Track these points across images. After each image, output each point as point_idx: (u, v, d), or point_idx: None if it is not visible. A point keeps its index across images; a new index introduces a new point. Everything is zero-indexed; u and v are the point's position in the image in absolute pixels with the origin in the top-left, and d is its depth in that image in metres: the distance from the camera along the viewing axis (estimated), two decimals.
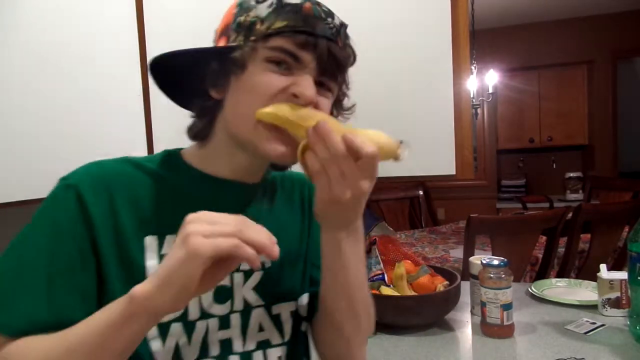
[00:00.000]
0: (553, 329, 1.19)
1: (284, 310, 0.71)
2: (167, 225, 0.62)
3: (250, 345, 0.67)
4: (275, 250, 0.50)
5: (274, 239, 0.51)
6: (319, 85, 0.61)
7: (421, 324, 1.23)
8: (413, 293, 1.25)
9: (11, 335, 0.55)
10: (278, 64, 0.59)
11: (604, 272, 1.26)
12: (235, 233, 0.48)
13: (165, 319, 0.60)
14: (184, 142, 0.82)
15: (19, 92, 1.06)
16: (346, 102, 0.70)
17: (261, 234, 0.50)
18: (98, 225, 0.59)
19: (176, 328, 0.62)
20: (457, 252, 2.43)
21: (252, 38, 0.59)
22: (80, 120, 1.22)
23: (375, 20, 1.24)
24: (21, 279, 0.56)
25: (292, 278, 0.73)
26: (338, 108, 0.69)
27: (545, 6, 4.10)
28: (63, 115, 1.17)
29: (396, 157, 0.58)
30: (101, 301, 0.58)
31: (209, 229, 0.48)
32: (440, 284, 1.27)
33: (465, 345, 1.15)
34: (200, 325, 0.63)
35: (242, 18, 0.61)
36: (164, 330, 0.61)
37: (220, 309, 0.65)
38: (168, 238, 0.62)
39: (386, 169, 1.26)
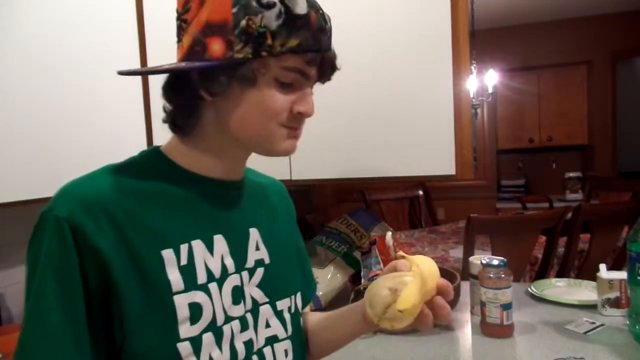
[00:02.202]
0: (553, 328, 1.19)
1: (285, 305, 0.72)
2: (177, 235, 0.60)
3: (261, 342, 0.68)
4: None
5: None
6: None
7: None
8: None
9: None
10: (285, 83, 0.60)
11: (603, 272, 1.26)
12: None
13: (196, 331, 0.58)
14: None
15: (18, 92, 1.06)
16: None
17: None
18: (107, 254, 0.54)
19: (208, 338, 0.59)
20: (457, 252, 2.43)
21: (264, 53, 0.56)
22: (80, 120, 1.22)
23: (375, 20, 1.24)
24: (48, 342, 0.52)
25: (289, 274, 0.75)
26: None
27: (545, 6, 4.10)
28: (63, 116, 1.17)
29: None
30: (120, 327, 0.55)
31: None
32: None
33: (465, 345, 1.15)
34: (227, 330, 0.62)
35: (244, 22, 0.56)
36: (197, 344, 0.58)
37: (237, 310, 0.64)
38: (182, 248, 0.59)
39: (386, 169, 1.27)
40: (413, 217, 3.61)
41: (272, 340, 0.69)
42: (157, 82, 1.52)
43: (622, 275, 1.21)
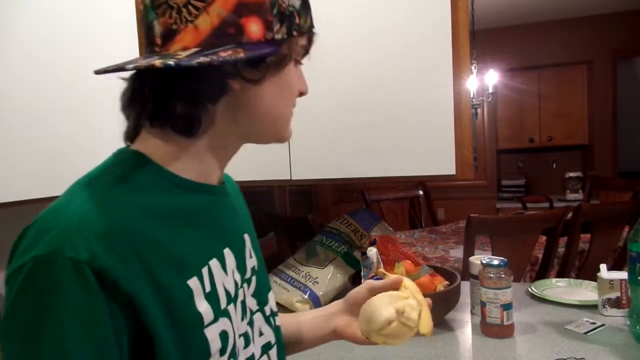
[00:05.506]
0: (553, 329, 1.19)
1: (270, 309, 0.69)
2: (197, 258, 0.53)
3: (258, 353, 0.64)
4: None
5: None
6: None
7: None
8: None
9: None
10: (299, 62, 0.59)
11: (604, 272, 1.26)
12: None
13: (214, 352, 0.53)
14: None
15: (18, 92, 1.06)
16: None
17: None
18: (141, 298, 0.46)
19: None
20: (457, 252, 2.43)
21: (294, 33, 0.54)
22: (80, 120, 1.22)
23: (375, 20, 1.24)
24: None
25: (266, 278, 0.73)
26: None
27: (546, 6, 4.10)
28: (63, 116, 1.17)
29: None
30: None
31: None
32: (440, 284, 1.27)
33: (465, 345, 1.15)
34: (237, 349, 0.58)
35: (279, 1, 0.52)
36: None
37: (243, 327, 0.60)
38: (204, 273, 0.53)
39: (386, 169, 1.27)
40: (413, 217, 3.61)
41: (266, 347, 0.66)
42: None
43: (623, 275, 1.21)
